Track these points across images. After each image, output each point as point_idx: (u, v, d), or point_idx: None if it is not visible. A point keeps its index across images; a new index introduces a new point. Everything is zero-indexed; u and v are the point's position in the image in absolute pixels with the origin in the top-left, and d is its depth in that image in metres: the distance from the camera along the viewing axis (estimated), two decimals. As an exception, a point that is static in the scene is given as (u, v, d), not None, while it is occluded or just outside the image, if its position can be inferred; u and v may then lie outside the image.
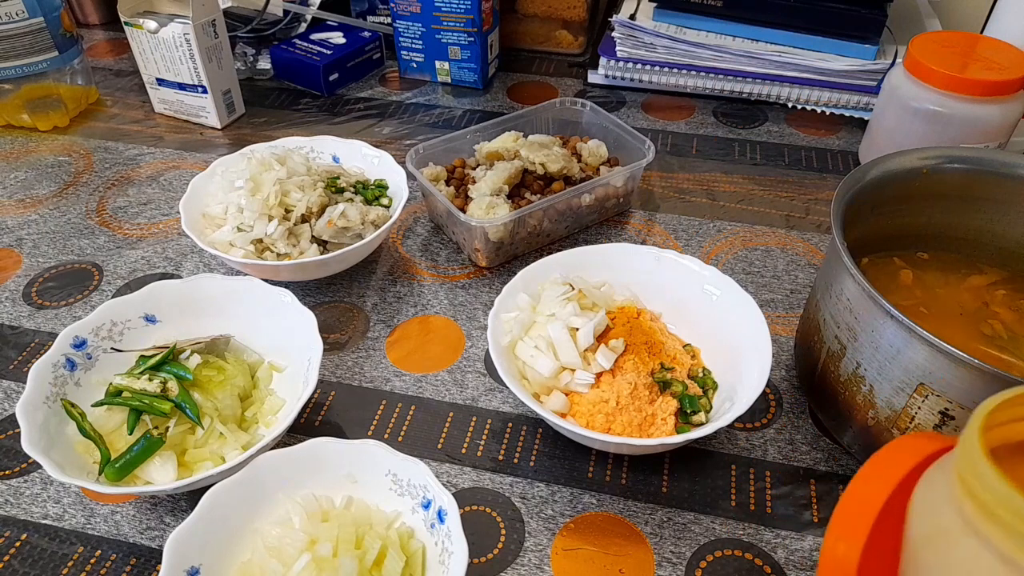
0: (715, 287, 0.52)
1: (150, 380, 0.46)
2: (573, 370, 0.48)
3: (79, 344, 0.49)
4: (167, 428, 0.45)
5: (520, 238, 0.63)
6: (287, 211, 0.60)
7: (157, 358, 0.47)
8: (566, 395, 0.49)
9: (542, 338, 0.50)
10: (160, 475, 0.44)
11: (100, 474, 0.44)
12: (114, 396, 0.46)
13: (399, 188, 0.64)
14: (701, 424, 0.47)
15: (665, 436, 0.45)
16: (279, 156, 0.63)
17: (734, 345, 0.50)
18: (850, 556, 0.26)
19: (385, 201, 0.64)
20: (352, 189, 0.63)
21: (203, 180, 0.63)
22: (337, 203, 0.61)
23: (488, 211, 0.60)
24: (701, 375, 0.51)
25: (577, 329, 0.49)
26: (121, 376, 0.47)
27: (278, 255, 0.59)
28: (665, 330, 0.53)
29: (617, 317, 0.52)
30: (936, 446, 0.27)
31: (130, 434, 0.45)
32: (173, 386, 0.46)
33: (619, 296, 0.55)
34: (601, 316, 0.50)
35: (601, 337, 0.50)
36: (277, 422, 0.48)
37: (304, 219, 0.60)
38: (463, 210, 0.61)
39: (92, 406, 0.46)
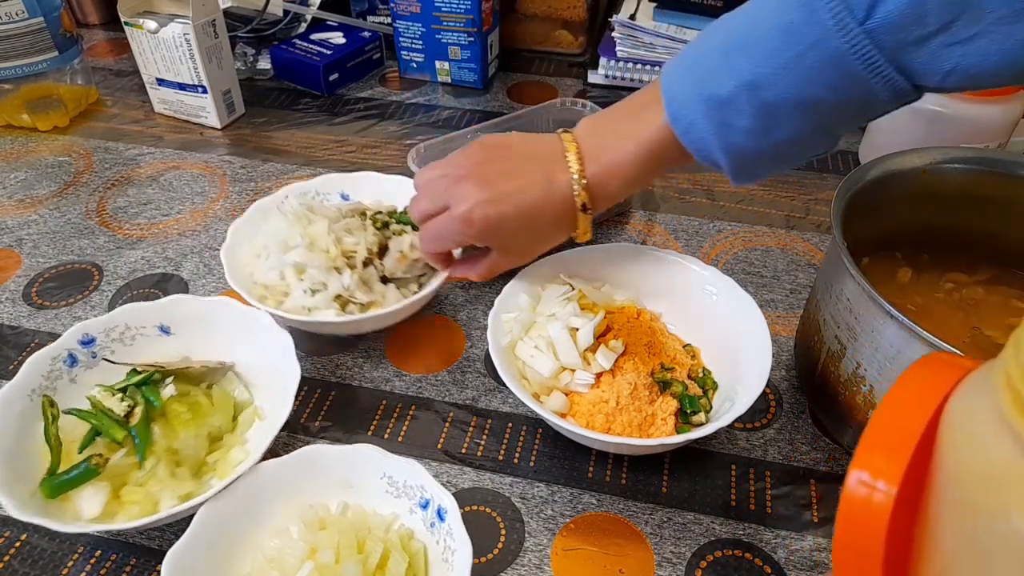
0: (715, 287, 0.52)
1: (121, 400, 0.44)
2: (573, 370, 0.49)
3: (87, 341, 0.49)
4: (106, 460, 0.43)
5: (520, 238, 0.63)
6: (347, 258, 0.55)
7: (140, 377, 0.46)
8: (566, 395, 0.49)
9: (542, 338, 0.50)
10: (87, 505, 0.42)
11: (41, 483, 0.42)
12: (91, 408, 0.45)
13: None
14: (701, 424, 0.47)
15: (665, 436, 0.45)
16: (309, 205, 0.59)
17: (734, 345, 0.50)
18: (885, 498, 0.22)
19: None
20: (393, 220, 0.58)
21: (242, 228, 0.58)
22: (389, 238, 0.57)
23: None
24: (701, 375, 0.51)
25: (577, 329, 0.49)
26: (100, 388, 0.46)
27: (360, 306, 0.54)
28: (665, 330, 0.53)
29: (617, 317, 0.52)
30: (972, 364, 0.24)
31: (79, 452, 0.43)
32: (139, 411, 0.44)
33: (619, 296, 0.55)
34: (601, 316, 0.50)
35: (601, 337, 0.50)
36: (230, 475, 0.42)
37: (365, 263, 0.55)
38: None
39: (64, 411, 0.45)
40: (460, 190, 0.47)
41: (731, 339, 0.50)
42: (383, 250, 0.56)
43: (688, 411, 0.47)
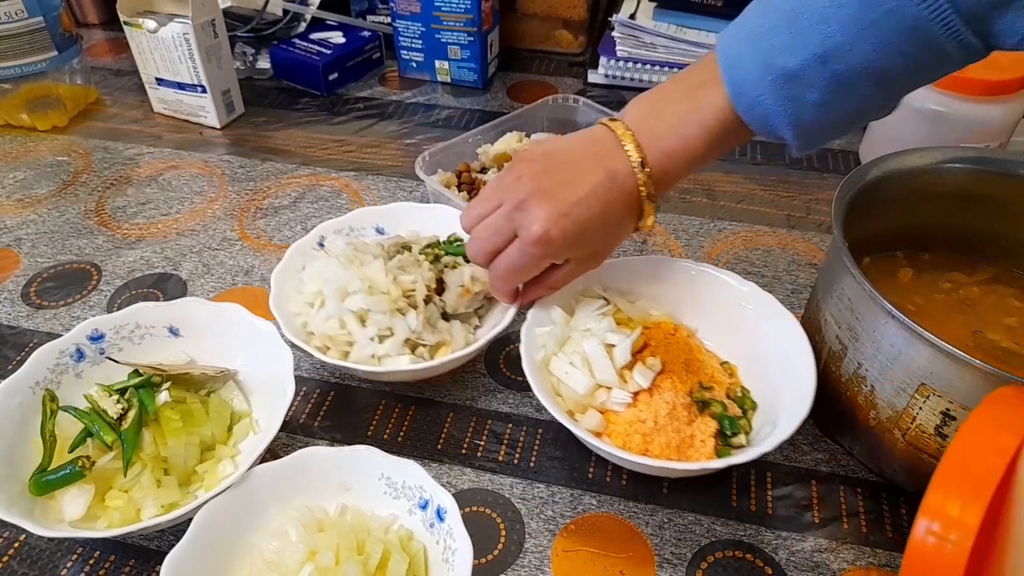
0: (753, 303, 0.51)
1: (116, 402, 0.44)
2: (609, 388, 0.47)
3: (97, 337, 0.49)
4: (93, 463, 0.42)
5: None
6: (406, 298, 0.52)
7: (140, 379, 0.46)
8: (601, 413, 0.47)
9: (577, 354, 0.48)
10: (70, 507, 0.42)
11: (30, 480, 0.42)
12: (87, 406, 0.44)
13: None
14: (741, 447, 0.45)
15: (705, 459, 0.44)
16: (355, 244, 0.56)
17: (774, 363, 0.48)
18: (959, 551, 0.20)
19: None
20: (443, 252, 0.56)
21: (285, 275, 0.55)
22: (442, 271, 0.54)
23: None
24: (740, 394, 0.49)
25: (613, 345, 0.48)
26: (99, 387, 0.45)
27: (429, 347, 0.51)
28: (703, 347, 0.52)
29: (653, 333, 0.50)
30: None
31: (69, 452, 0.43)
32: (132, 415, 0.43)
33: (654, 311, 0.53)
34: (638, 332, 0.49)
35: (637, 354, 0.49)
36: (216, 487, 0.42)
37: (426, 300, 0.53)
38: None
39: (60, 408, 0.45)
40: (527, 214, 0.44)
41: (771, 357, 0.48)
42: (439, 284, 0.54)
43: (728, 433, 0.46)
